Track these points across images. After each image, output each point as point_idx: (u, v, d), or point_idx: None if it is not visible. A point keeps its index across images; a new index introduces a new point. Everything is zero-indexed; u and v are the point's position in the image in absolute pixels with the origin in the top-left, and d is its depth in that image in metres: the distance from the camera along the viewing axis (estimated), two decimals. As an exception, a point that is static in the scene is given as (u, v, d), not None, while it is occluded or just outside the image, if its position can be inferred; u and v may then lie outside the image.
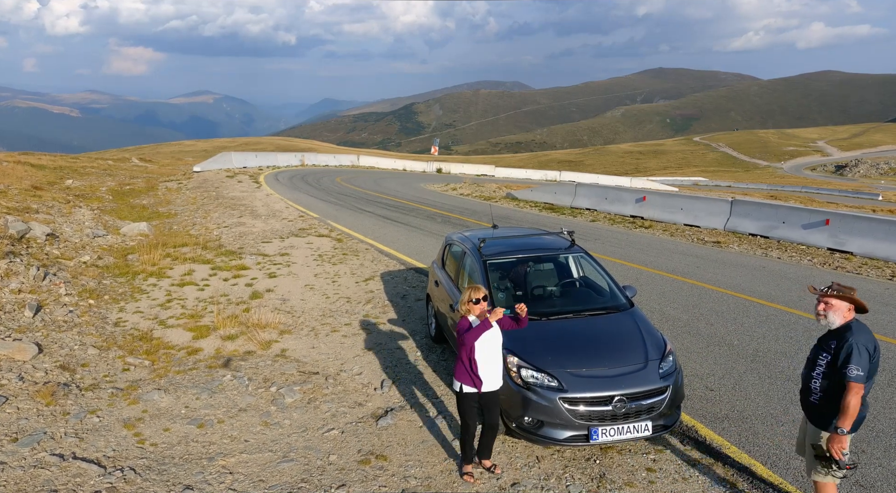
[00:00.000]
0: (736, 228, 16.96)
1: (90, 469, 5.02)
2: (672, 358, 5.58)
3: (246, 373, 7.13)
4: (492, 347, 4.95)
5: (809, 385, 4.07)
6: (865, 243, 13.87)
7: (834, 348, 3.90)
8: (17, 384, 6.41)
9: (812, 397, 4.05)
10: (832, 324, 3.97)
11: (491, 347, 4.94)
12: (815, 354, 4.07)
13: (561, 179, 51.35)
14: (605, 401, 5.13)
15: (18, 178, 23.21)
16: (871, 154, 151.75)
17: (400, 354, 7.87)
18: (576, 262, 7.35)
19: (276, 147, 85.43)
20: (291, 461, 5.34)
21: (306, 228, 17.09)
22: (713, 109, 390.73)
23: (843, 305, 3.94)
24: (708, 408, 6.24)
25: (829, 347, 3.94)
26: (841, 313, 3.94)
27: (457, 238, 7.94)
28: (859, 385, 3.74)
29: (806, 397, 4.12)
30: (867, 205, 46.87)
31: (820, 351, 4.02)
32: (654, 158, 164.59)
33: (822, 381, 3.99)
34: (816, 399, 4.02)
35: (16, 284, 9.32)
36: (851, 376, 3.74)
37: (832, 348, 3.92)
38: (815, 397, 4.03)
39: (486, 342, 4.91)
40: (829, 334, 4.02)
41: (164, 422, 5.95)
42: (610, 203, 22.07)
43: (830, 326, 3.98)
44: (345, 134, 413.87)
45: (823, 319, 4.00)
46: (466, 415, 5.01)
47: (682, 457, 5.39)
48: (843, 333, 3.90)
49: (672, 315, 9.21)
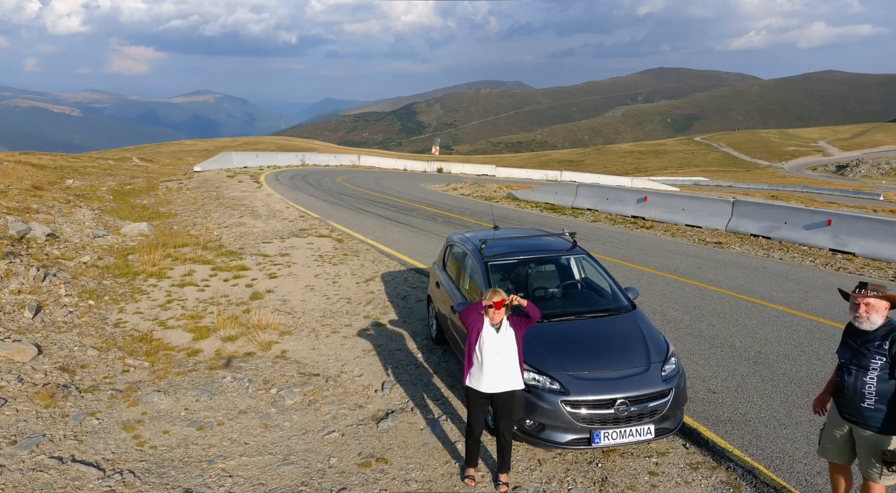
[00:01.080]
0: (737, 229, 16.91)
1: (89, 472, 4.99)
2: (674, 360, 5.55)
3: (246, 375, 7.10)
4: (491, 346, 4.86)
5: (863, 391, 3.89)
6: (868, 244, 13.82)
7: (888, 349, 3.78)
8: (16, 386, 6.38)
9: (866, 402, 3.88)
10: (874, 325, 3.87)
11: (490, 346, 4.85)
12: (863, 358, 3.88)
13: (562, 179, 51.31)
14: (607, 404, 5.09)
15: (19, 177, 23.19)
16: (872, 154, 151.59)
17: (401, 355, 7.83)
18: (577, 263, 7.31)
19: (277, 147, 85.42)
20: (291, 463, 5.31)
21: (307, 229, 17.07)
22: (714, 108, 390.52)
23: (883, 304, 3.86)
24: (710, 411, 6.20)
25: (883, 349, 3.80)
26: (882, 312, 3.86)
27: (458, 239, 7.91)
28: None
29: (857, 403, 3.92)
30: (868, 205, 46.80)
31: (871, 355, 3.85)
32: (655, 158, 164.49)
33: (880, 385, 3.85)
34: (872, 404, 3.86)
35: (15, 284, 9.29)
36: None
37: (886, 350, 3.79)
38: (869, 401, 3.86)
39: (487, 341, 4.85)
40: (872, 336, 3.87)
41: (163, 424, 5.92)
42: (611, 203, 22.03)
43: (872, 327, 3.88)
44: (345, 134, 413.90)
45: (866, 321, 3.89)
46: (469, 413, 4.97)
47: (685, 460, 5.36)
48: (892, 334, 3.80)
49: (674, 317, 9.17)
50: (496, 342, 4.86)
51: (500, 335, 4.87)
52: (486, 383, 4.86)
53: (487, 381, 4.86)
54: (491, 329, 4.87)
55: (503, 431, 4.95)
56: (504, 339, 4.87)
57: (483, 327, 4.87)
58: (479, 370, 4.88)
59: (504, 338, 4.88)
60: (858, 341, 3.94)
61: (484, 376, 4.86)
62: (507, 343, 4.88)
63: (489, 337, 4.86)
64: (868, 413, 3.89)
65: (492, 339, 4.86)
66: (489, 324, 4.88)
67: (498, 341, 4.86)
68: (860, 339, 3.92)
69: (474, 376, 4.91)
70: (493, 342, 4.86)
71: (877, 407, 3.85)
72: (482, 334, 4.86)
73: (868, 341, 3.88)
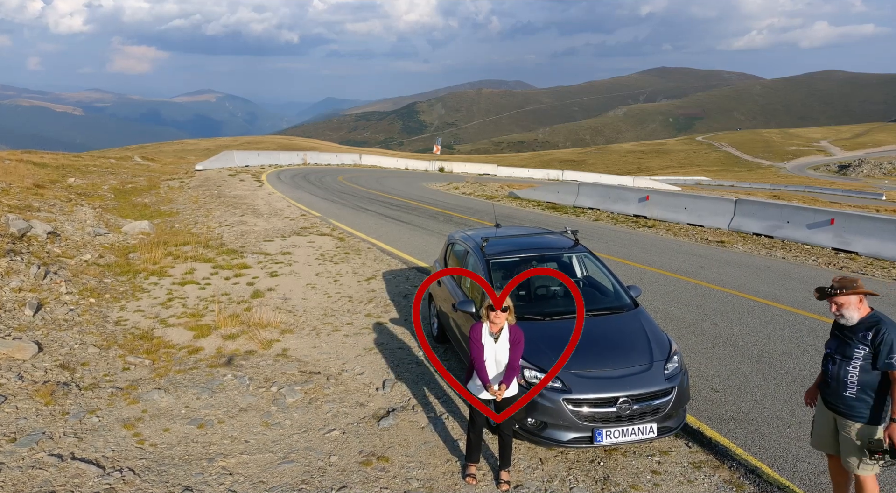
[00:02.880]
0: (740, 228, 16.86)
1: (89, 470, 4.97)
2: (677, 359, 5.52)
3: (247, 373, 7.08)
4: (490, 356, 4.85)
5: (845, 380, 3.97)
6: (871, 243, 13.77)
7: (871, 340, 3.87)
8: (16, 383, 6.36)
9: (848, 391, 3.97)
10: (852, 320, 3.95)
11: (490, 356, 4.85)
12: (847, 348, 3.98)
13: (563, 179, 51.27)
14: (609, 402, 5.06)
15: (21, 176, 23.19)
16: (874, 154, 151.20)
17: (402, 354, 7.81)
18: (580, 261, 7.27)
19: (279, 146, 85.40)
20: (292, 462, 5.28)
21: (308, 227, 17.05)
22: (716, 108, 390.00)
23: (853, 298, 3.94)
24: (713, 409, 6.16)
25: (866, 340, 3.89)
26: (854, 306, 3.93)
27: (459, 237, 7.88)
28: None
29: (840, 392, 4.02)
30: (871, 205, 46.69)
31: (855, 345, 3.94)
32: (657, 158, 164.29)
33: (861, 375, 3.93)
34: (854, 393, 3.95)
35: (16, 282, 9.28)
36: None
37: (869, 341, 3.87)
38: (851, 390, 3.95)
39: (486, 350, 4.85)
40: (856, 328, 3.96)
41: (163, 422, 5.90)
42: (613, 202, 21.99)
43: (851, 322, 3.96)
44: (347, 133, 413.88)
45: (842, 318, 3.99)
46: (472, 410, 4.96)
47: (688, 459, 5.33)
48: (875, 325, 3.88)
49: (676, 315, 9.14)
50: (495, 352, 4.86)
51: (499, 345, 4.86)
52: (485, 392, 4.89)
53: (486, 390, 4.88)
54: (490, 339, 4.87)
55: (504, 428, 4.95)
56: (502, 348, 4.87)
57: (482, 336, 4.86)
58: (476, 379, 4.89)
59: (502, 347, 4.87)
60: (844, 332, 4.04)
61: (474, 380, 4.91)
62: (505, 353, 4.87)
63: (488, 346, 4.86)
64: (850, 403, 3.98)
65: (490, 348, 4.86)
66: (488, 333, 4.87)
67: (497, 350, 4.86)
68: (846, 330, 4.03)
69: (474, 383, 4.92)
70: (492, 352, 4.86)
71: (859, 397, 3.94)
72: (482, 342, 4.85)
73: (853, 332, 3.97)
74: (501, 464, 5.01)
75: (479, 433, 5.02)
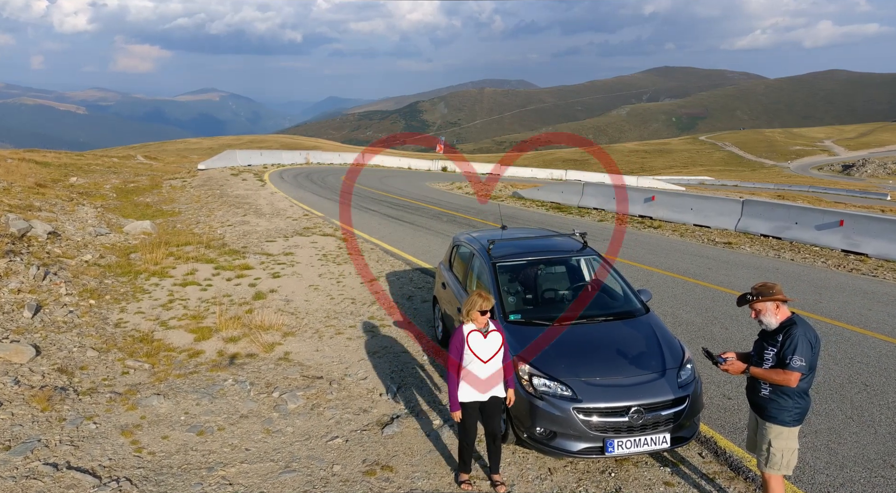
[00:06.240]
0: (747, 229, 16.67)
1: (84, 480, 4.83)
2: (690, 366, 5.36)
3: (248, 377, 6.94)
4: (479, 351, 4.74)
5: (759, 380, 4.18)
6: (881, 245, 13.57)
7: (780, 340, 4.06)
8: (12, 389, 6.23)
9: (762, 392, 4.17)
10: (770, 325, 4.14)
11: (479, 351, 4.74)
12: (761, 348, 4.21)
13: (567, 178, 51.04)
14: (621, 412, 4.90)
15: (22, 175, 23.09)
16: (878, 154, 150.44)
17: (406, 358, 7.66)
18: (588, 264, 7.12)
19: (282, 145, 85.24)
20: (294, 471, 5.14)
21: (311, 227, 16.90)
22: (719, 107, 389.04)
23: (769, 305, 4.12)
24: (727, 418, 6.00)
25: (776, 341, 4.09)
26: (772, 312, 4.12)
27: (465, 239, 7.72)
28: (797, 374, 3.96)
29: (755, 392, 4.23)
30: (876, 205, 46.43)
31: (766, 346, 4.16)
32: (660, 157, 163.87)
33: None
34: (767, 394, 4.14)
35: (15, 283, 9.15)
36: (794, 367, 3.95)
37: (779, 341, 4.07)
38: (764, 391, 4.16)
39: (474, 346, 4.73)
40: (775, 332, 4.14)
41: (162, 429, 5.75)
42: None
43: (770, 327, 4.15)
44: (350, 132, 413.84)
45: (761, 324, 4.19)
46: (463, 419, 4.84)
47: (701, 470, 5.17)
48: (787, 327, 4.07)
49: (685, 319, 8.97)
50: (483, 347, 4.74)
51: (488, 340, 4.76)
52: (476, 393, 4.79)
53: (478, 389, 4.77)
54: (477, 334, 4.74)
55: (493, 433, 4.87)
56: (490, 343, 4.76)
57: (469, 335, 4.74)
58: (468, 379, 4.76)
59: (490, 342, 4.77)
60: (765, 337, 4.25)
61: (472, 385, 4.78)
62: (493, 348, 4.77)
63: (476, 342, 4.73)
64: (762, 403, 4.19)
65: (478, 343, 4.74)
66: (474, 328, 4.75)
67: (486, 345, 4.75)
68: (767, 335, 4.23)
69: (466, 388, 4.77)
70: (480, 347, 4.74)
71: (770, 397, 4.13)
72: (468, 340, 4.73)
73: (771, 336, 4.17)
74: (492, 468, 4.95)
75: (471, 445, 4.93)
